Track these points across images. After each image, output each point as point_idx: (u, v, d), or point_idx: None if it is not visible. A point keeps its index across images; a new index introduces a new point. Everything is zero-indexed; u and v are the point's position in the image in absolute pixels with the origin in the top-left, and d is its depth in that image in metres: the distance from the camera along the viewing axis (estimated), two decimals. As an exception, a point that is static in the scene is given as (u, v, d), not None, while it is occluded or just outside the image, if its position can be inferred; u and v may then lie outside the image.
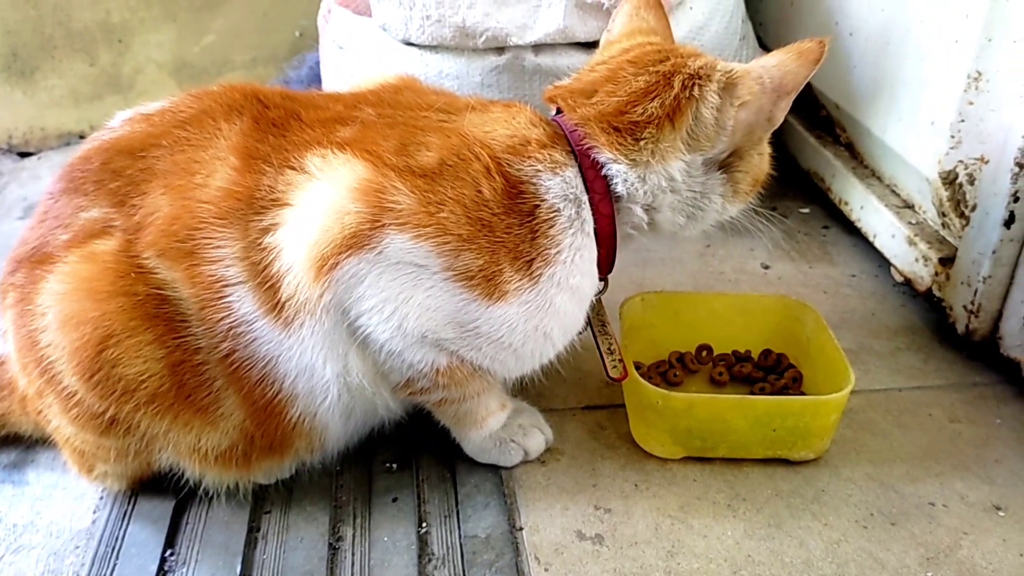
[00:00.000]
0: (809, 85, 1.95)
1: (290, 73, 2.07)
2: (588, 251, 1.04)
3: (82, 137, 2.29)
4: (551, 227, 1.00)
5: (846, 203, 1.69)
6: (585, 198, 1.02)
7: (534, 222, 0.99)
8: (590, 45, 1.57)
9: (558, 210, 1.00)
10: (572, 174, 1.02)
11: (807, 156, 1.84)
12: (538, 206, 0.99)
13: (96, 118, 2.26)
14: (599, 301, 1.18)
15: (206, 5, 2.25)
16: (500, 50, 1.55)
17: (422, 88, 1.16)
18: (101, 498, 1.16)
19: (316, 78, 1.91)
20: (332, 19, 1.76)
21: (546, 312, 1.01)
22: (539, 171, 1.00)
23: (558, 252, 1.00)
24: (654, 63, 1.05)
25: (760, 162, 1.10)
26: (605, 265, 1.09)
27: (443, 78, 1.56)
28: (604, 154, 1.02)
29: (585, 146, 1.03)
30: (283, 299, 0.97)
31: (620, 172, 1.03)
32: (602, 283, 1.14)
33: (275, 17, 2.29)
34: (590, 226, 1.03)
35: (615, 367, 1.16)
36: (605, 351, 1.17)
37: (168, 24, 2.24)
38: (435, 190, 0.96)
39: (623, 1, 1.19)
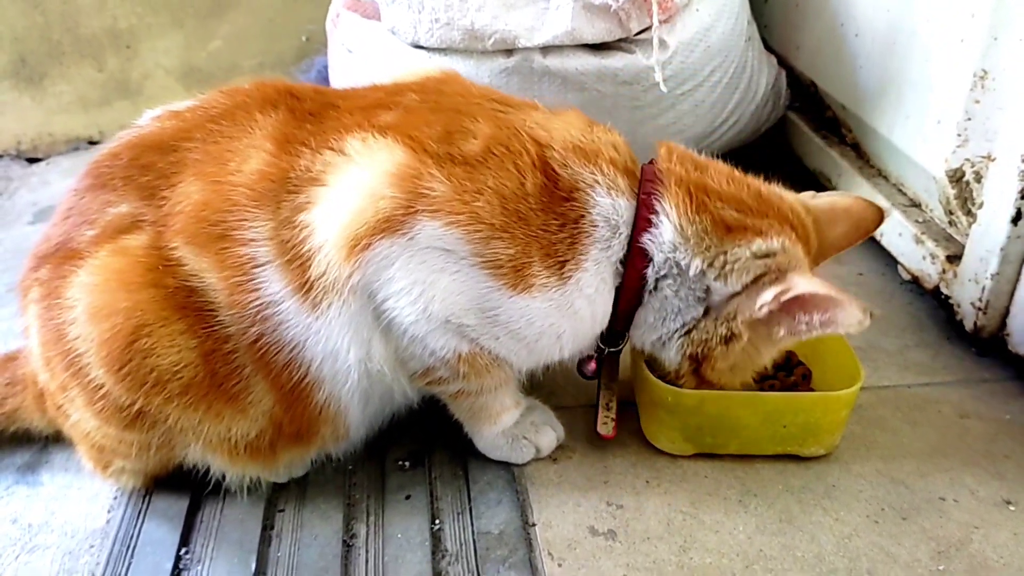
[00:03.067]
0: (815, 86, 1.96)
1: (299, 77, 2.08)
2: (606, 274, 1.03)
3: (91, 142, 2.31)
4: (588, 237, 1.01)
5: (852, 203, 1.70)
6: (624, 231, 1.03)
7: (577, 231, 1.00)
8: (598, 47, 1.58)
9: (597, 226, 1.01)
10: (624, 206, 1.02)
11: (813, 156, 1.85)
12: (583, 216, 1.00)
13: (104, 123, 2.29)
14: (615, 358, 1.18)
15: (213, 11, 2.26)
16: (509, 52, 1.57)
17: (466, 82, 1.17)
18: (115, 497, 1.16)
19: (324, 82, 1.92)
20: (341, 23, 1.77)
21: (564, 314, 1.02)
22: (597, 182, 1.02)
23: (586, 260, 1.01)
24: (775, 201, 1.10)
25: (731, 353, 1.08)
26: (622, 316, 1.08)
27: (451, 80, 1.57)
28: (664, 204, 1.02)
29: (651, 193, 1.03)
30: (312, 278, 0.98)
31: (666, 227, 1.02)
32: (621, 340, 1.12)
33: (281, 23, 2.30)
34: (616, 256, 1.03)
35: (605, 424, 1.17)
36: (603, 406, 1.19)
37: (175, 30, 2.26)
38: (474, 178, 0.97)
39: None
